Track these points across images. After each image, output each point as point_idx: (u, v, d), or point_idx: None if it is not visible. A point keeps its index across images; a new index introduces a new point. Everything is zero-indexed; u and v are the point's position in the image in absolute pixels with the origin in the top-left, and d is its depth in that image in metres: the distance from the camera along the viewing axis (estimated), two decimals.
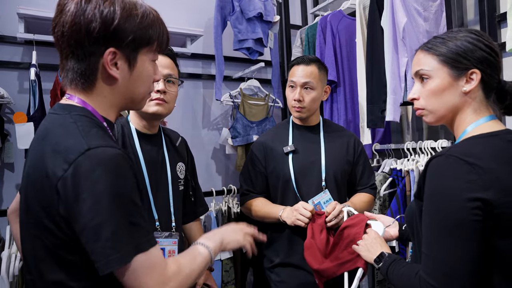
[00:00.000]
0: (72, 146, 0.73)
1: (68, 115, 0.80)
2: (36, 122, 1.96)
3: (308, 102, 1.63)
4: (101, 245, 0.70)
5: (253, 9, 2.50)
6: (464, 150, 0.87)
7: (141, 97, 0.89)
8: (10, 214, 1.11)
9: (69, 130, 0.77)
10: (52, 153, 0.74)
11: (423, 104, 0.99)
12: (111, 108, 0.86)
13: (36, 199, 0.76)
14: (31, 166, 0.80)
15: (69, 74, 0.82)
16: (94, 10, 0.77)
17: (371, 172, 1.76)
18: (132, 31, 0.80)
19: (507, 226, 0.83)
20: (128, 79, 0.84)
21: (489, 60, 0.93)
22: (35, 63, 2.03)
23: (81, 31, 0.77)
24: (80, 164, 0.71)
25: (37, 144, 0.80)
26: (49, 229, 0.75)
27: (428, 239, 0.87)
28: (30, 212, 0.78)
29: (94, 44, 0.78)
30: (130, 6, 0.80)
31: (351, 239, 1.28)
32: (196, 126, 2.75)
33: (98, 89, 0.83)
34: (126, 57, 0.82)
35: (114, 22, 0.78)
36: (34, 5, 2.17)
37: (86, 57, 0.79)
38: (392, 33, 2.01)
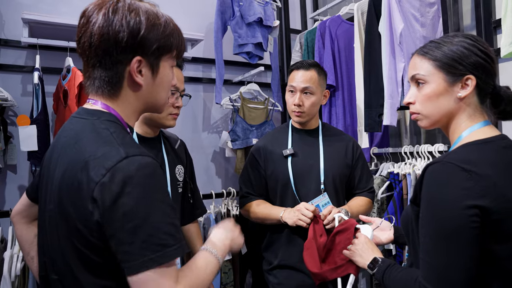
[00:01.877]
0: (109, 153, 0.76)
1: (98, 120, 0.83)
2: (39, 125, 1.98)
3: (308, 107, 1.65)
4: (138, 245, 0.72)
5: (253, 14, 2.53)
6: (461, 157, 0.87)
7: (162, 102, 0.92)
8: (15, 215, 1.10)
9: (103, 137, 0.79)
10: (88, 159, 0.76)
11: (418, 108, 0.99)
12: (133, 114, 0.89)
13: (71, 203, 0.77)
14: (64, 170, 0.80)
15: (96, 82, 0.84)
16: (121, 21, 0.80)
17: (370, 175, 1.78)
18: (156, 40, 0.84)
19: (504, 233, 0.83)
20: (151, 85, 0.87)
21: (484, 66, 0.93)
22: (39, 67, 2.06)
23: (109, 41, 0.80)
24: (118, 171, 0.74)
25: (69, 148, 0.82)
26: (81, 232, 0.76)
27: (426, 246, 0.87)
28: (62, 214, 0.79)
29: (121, 53, 0.81)
30: (153, 16, 0.84)
31: (342, 245, 1.30)
32: (196, 129, 2.78)
33: (123, 96, 0.86)
34: (150, 65, 0.86)
35: (140, 32, 0.81)
36: (38, 11, 2.21)
37: (113, 66, 0.82)
38: (389, 38, 2.04)
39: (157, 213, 0.75)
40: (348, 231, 1.31)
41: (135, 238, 0.72)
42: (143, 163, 0.76)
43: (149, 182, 0.76)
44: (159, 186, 0.78)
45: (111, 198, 0.73)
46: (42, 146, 2.01)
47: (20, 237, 1.09)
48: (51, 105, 2.21)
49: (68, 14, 2.32)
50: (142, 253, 0.72)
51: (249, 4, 2.54)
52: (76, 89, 2.03)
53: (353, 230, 1.31)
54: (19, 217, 1.09)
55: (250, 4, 2.55)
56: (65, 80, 2.09)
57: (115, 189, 0.73)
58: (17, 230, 1.10)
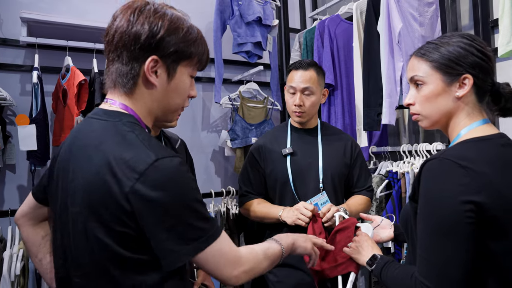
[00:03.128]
0: (139, 156, 0.78)
1: (120, 122, 0.84)
2: (38, 124, 1.98)
3: (308, 107, 1.66)
4: (174, 242, 0.78)
5: (252, 13, 2.54)
6: (458, 153, 0.88)
7: (174, 109, 0.94)
8: (20, 218, 1.07)
9: (129, 139, 0.81)
10: (116, 162, 0.78)
11: (418, 109, 1.00)
12: (149, 115, 0.91)
13: (102, 206, 0.78)
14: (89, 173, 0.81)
15: (113, 75, 0.87)
16: (144, 20, 0.84)
17: (368, 174, 1.79)
18: (175, 44, 0.86)
19: (499, 229, 0.84)
20: (166, 88, 0.89)
21: (481, 65, 0.93)
22: (37, 66, 2.06)
23: (129, 36, 0.84)
24: (150, 174, 0.77)
25: (92, 151, 0.82)
26: (118, 232, 0.79)
27: (423, 241, 0.88)
28: (94, 217, 0.80)
29: (139, 50, 0.84)
30: (177, 21, 0.88)
31: (343, 243, 1.31)
32: (196, 128, 2.78)
33: (138, 94, 0.88)
34: (167, 67, 0.87)
35: (159, 33, 0.84)
36: (36, 9, 2.21)
37: (129, 61, 0.85)
38: (388, 37, 2.05)
39: (189, 210, 0.80)
40: (349, 230, 1.32)
41: (170, 236, 0.78)
42: (172, 165, 0.79)
43: (179, 183, 0.79)
44: (189, 185, 0.82)
45: (146, 201, 0.76)
46: (41, 146, 2.01)
47: (27, 239, 1.08)
48: (50, 105, 2.20)
49: (67, 13, 2.32)
50: (177, 249, 0.78)
51: (248, 3, 2.54)
52: (76, 88, 2.03)
53: (354, 228, 1.32)
54: (24, 219, 1.07)
55: (249, 3, 2.55)
56: (64, 80, 2.09)
57: (149, 192, 0.76)
58: (23, 232, 1.08)
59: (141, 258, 0.81)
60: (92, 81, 2.13)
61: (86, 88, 2.08)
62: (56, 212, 0.90)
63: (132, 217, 0.78)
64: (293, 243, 1.07)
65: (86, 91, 2.08)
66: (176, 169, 0.79)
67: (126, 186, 0.76)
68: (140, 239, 0.79)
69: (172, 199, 0.77)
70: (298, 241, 1.10)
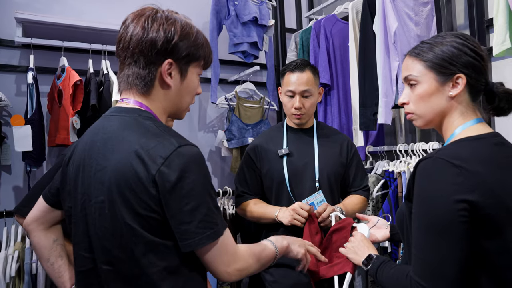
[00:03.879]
0: (162, 143, 0.85)
1: (140, 117, 0.91)
2: (33, 125, 1.98)
3: (308, 108, 1.67)
4: (196, 225, 0.84)
5: (248, 13, 2.54)
6: (452, 153, 0.88)
7: (186, 106, 1.02)
8: (31, 223, 1.07)
9: (151, 130, 0.88)
10: (141, 149, 0.85)
11: (412, 108, 1.01)
12: (163, 113, 0.98)
13: (130, 191, 0.84)
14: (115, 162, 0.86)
15: (130, 78, 0.94)
16: (159, 27, 0.91)
17: (364, 174, 1.79)
18: (187, 48, 0.94)
19: (492, 227, 0.85)
20: (179, 88, 0.97)
21: (474, 64, 0.94)
22: (33, 66, 2.05)
23: (146, 43, 0.90)
24: (174, 159, 0.84)
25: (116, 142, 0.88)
26: (142, 216, 0.84)
27: (418, 241, 0.88)
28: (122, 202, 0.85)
29: (155, 55, 0.91)
30: (187, 27, 0.95)
31: (339, 243, 1.31)
32: (192, 128, 2.78)
33: (155, 94, 0.95)
34: (180, 69, 0.95)
35: (174, 39, 0.92)
36: (31, 10, 2.20)
37: (146, 65, 0.92)
38: (383, 37, 2.05)
39: (209, 196, 0.87)
40: (345, 230, 1.32)
41: (193, 218, 0.84)
42: (194, 152, 0.87)
43: (200, 169, 0.87)
44: (207, 173, 0.89)
45: (171, 183, 0.82)
46: (36, 147, 2.00)
47: (38, 244, 1.08)
48: (46, 105, 2.20)
49: (62, 13, 2.31)
50: (199, 232, 0.84)
51: (244, 4, 2.54)
52: (71, 89, 2.02)
53: (350, 228, 1.32)
54: (36, 224, 1.08)
55: (245, 3, 2.55)
56: (60, 80, 2.08)
57: (174, 175, 0.82)
58: (34, 237, 1.08)
59: (165, 243, 0.86)
60: (88, 82, 2.13)
61: (82, 89, 2.08)
62: (76, 208, 0.93)
63: (157, 201, 0.83)
64: (287, 246, 1.13)
65: (82, 92, 2.08)
66: (197, 156, 0.87)
67: (153, 169, 0.82)
68: (164, 224, 0.85)
69: (195, 182, 0.84)
70: (293, 245, 1.15)
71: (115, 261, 0.87)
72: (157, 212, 0.84)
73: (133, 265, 0.85)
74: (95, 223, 0.88)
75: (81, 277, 0.94)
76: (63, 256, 1.10)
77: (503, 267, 0.86)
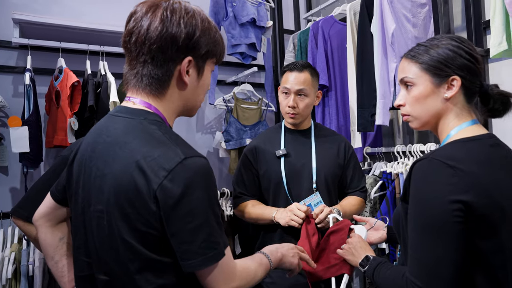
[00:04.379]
0: (167, 153, 0.78)
1: (146, 120, 0.83)
2: (30, 126, 1.97)
3: (302, 108, 1.67)
4: (198, 245, 0.77)
5: (246, 14, 2.54)
6: (447, 153, 0.89)
7: (199, 104, 0.95)
8: (39, 219, 1.05)
9: (156, 138, 0.81)
10: (143, 160, 0.77)
11: (408, 110, 1.02)
12: (173, 114, 0.91)
13: (129, 203, 0.78)
14: (115, 170, 0.80)
15: (144, 79, 0.85)
16: (179, 20, 0.83)
17: (362, 175, 1.79)
18: (207, 44, 0.87)
19: (487, 227, 0.85)
20: (196, 86, 0.90)
21: (469, 66, 0.95)
22: (30, 67, 2.05)
23: (166, 39, 0.82)
24: (179, 172, 0.76)
25: (118, 148, 0.81)
26: (141, 231, 0.78)
27: (414, 241, 0.89)
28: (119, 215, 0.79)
29: (176, 51, 0.83)
30: (206, 21, 0.88)
31: (337, 245, 1.31)
32: (190, 129, 2.78)
33: (169, 94, 0.87)
34: (197, 66, 0.88)
35: (195, 34, 0.84)
36: (29, 11, 2.20)
37: (165, 63, 0.84)
38: (381, 38, 2.05)
39: (213, 213, 0.80)
40: (343, 231, 1.32)
41: (195, 238, 0.77)
42: (201, 164, 0.79)
43: (207, 184, 0.79)
44: (214, 186, 0.82)
45: (174, 199, 0.75)
46: (34, 148, 2.00)
47: (44, 241, 1.06)
48: (43, 106, 2.19)
49: (60, 14, 2.31)
50: (202, 252, 0.78)
51: (242, 5, 2.55)
52: (69, 90, 2.02)
53: (347, 230, 1.32)
54: (43, 220, 1.06)
55: (243, 4, 2.55)
56: (58, 81, 2.08)
57: (178, 190, 0.75)
58: (41, 233, 1.06)
59: (162, 260, 0.80)
60: (86, 83, 2.12)
61: (79, 90, 2.08)
62: (77, 211, 0.88)
63: (157, 217, 0.77)
64: (281, 258, 1.09)
65: (79, 93, 2.08)
66: (204, 169, 0.79)
67: (155, 183, 0.75)
68: (163, 241, 0.79)
69: (200, 199, 0.77)
70: (287, 257, 1.12)
71: (111, 273, 0.82)
72: (157, 228, 0.78)
73: (128, 280, 0.81)
74: (93, 231, 0.84)
75: (80, 282, 0.91)
76: (69, 255, 1.07)
77: (498, 267, 0.87)
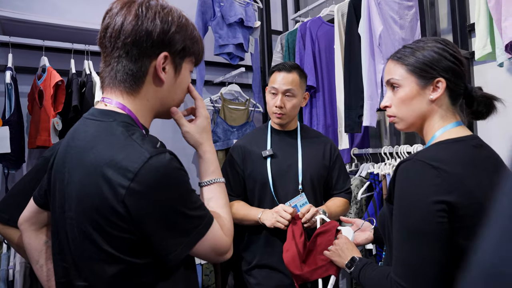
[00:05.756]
0: (131, 155, 0.76)
1: (114, 122, 0.81)
2: (11, 126, 1.92)
3: (289, 109, 1.66)
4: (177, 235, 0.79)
5: (234, 14, 2.52)
6: (431, 154, 0.90)
7: (178, 104, 0.94)
8: (23, 223, 1.04)
9: (122, 140, 0.78)
10: (108, 164, 0.75)
11: (394, 111, 1.02)
12: (149, 113, 0.89)
13: (95, 210, 0.76)
14: (82, 175, 0.79)
15: (118, 75, 0.84)
16: (155, 15, 0.82)
17: (347, 176, 1.80)
18: (183, 41, 0.87)
19: (470, 228, 0.86)
20: (172, 84, 0.89)
21: (454, 69, 0.96)
22: (11, 66, 2.00)
23: (141, 33, 0.81)
24: (144, 173, 0.74)
25: (86, 153, 0.80)
26: (114, 236, 0.76)
27: (398, 241, 0.89)
28: (88, 222, 0.77)
29: (151, 46, 0.82)
30: (183, 18, 0.88)
31: (324, 246, 1.31)
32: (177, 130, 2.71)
33: (144, 92, 0.85)
34: (174, 63, 0.87)
35: (171, 29, 0.84)
36: (10, 7, 2.14)
37: (139, 58, 0.83)
38: (369, 40, 2.06)
39: (186, 204, 0.80)
40: (330, 233, 1.32)
41: (172, 232, 0.78)
42: (166, 161, 0.77)
43: (176, 179, 0.79)
44: (183, 178, 0.81)
45: (144, 200, 0.74)
46: (15, 148, 1.95)
47: (29, 245, 1.04)
48: (26, 106, 2.14)
49: (43, 12, 2.26)
50: (181, 241, 0.79)
51: (230, 5, 2.53)
52: (52, 90, 1.98)
53: (335, 231, 1.32)
54: (27, 224, 1.04)
55: (231, 4, 2.54)
56: (41, 80, 2.03)
57: (146, 191, 0.74)
58: (26, 238, 1.04)
59: (139, 261, 0.79)
60: (70, 82, 2.08)
61: (63, 89, 2.03)
62: (55, 216, 0.87)
63: (129, 221, 0.75)
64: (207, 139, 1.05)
65: (63, 92, 2.03)
66: (169, 164, 0.77)
67: (121, 188, 0.74)
68: (140, 243, 0.78)
69: (170, 196, 0.77)
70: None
71: (89, 279, 0.81)
72: (130, 231, 0.76)
73: (107, 285, 0.79)
74: (68, 237, 0.83)
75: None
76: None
77: None
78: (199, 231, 0.82)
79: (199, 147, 1.00)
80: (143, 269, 0.80)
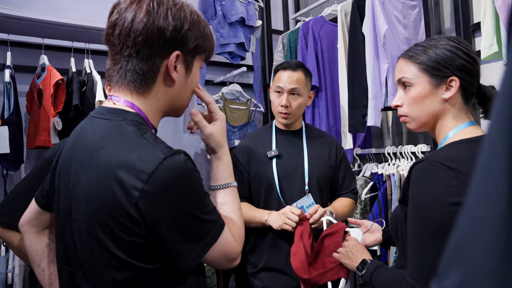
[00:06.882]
0: (145, 156, 0.73)
1: (124, 121, 0.78)
2: (11, 126, 1.89)
3: (295, 108, 1.64)
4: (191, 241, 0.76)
5: (235, 13, 2.50)
6: (446, 155, 0.88)
7: (186, 104, 0.90)
8: (24, 224, 1.01)
9: (134, 140, 0.75)
10: (120, 165, 0.72)
11: (406, 111, 1.00)
12: (158, 113, 0.86)
13: (107, 213, 0.73)
14: (92, 177, 0.75)
15: (128, 74, 0.80)
16: (167, 12, 0.79)
17: (353, 177, 1.78)
18: (196, 38, 0.83)
19: None
20: (183, 83, 0.85)
21: (468, 67, 0.94)
22: (10, 64, 1.97)
23: (153, 31, 0.77)
24: (159, 175, 0.71)
25: (95, 153, 0.76)
26: (126, 241, 0.74)
27: (413, 244, 0.88)
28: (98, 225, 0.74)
29: (163, 45, 0.79)
30: (195, 14, 0.84)
31: (332, 248, 1.29)
32: (177, 130, 2.72)
33: (154, 92, 0.82)
34: (186, 62, 0.84)
35: (184, 27, 0.80)
36: (9, 4, 2.10)
37: (151, 57, 0.79)
38: (373, 39, 2.05)
39: (201, 208, 0.77)
40: (337, 234, 1.30)
41: (186, 236, 0.75)
42: (181, 162, 0.75)
43: (191, 181, 0.76)
44: (198, 181, 0.78)
45: (159, 202, 0.72)
46: (14, 149, 1.92)
47: (30, 247, 1.01)
48: (24, 105, 2.11)
49: (43, 9, 2.23)
50: (194, 247, 0.76)
51: (231, 4, 2.51)
52: (52, 89, 1.95)
53: (342, 233, 1.30)
54: (29, 226, 1.00)
55: (232, 3, 2.52)
56: (40, 79, 2.00)
57: (162, 193, 0.72)
58: (27, 240, 1.01)
59: (151, 267, 0.76)
60: (70, 81, 2.05)
61: (64, 88, 2.00)
62: (60, 219, 0.84)
63: (142, 224, 0.72)
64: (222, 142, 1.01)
65: (64, 92, 2.00)
66: (185, 166, 0.75)
67: (135, 191, 0.70)
68: (152, 248, 0.75)
69: (186, 198, 0.75)
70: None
71: (98, 285, 0.78)
72: (143, 236, 0.73)
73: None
74: (75, 241, 0.80)
75: None
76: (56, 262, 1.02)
77: None
78: (212, 236, 0.79)
79: (220, 149, 0.95)
80: (154, 275, 0.77)
